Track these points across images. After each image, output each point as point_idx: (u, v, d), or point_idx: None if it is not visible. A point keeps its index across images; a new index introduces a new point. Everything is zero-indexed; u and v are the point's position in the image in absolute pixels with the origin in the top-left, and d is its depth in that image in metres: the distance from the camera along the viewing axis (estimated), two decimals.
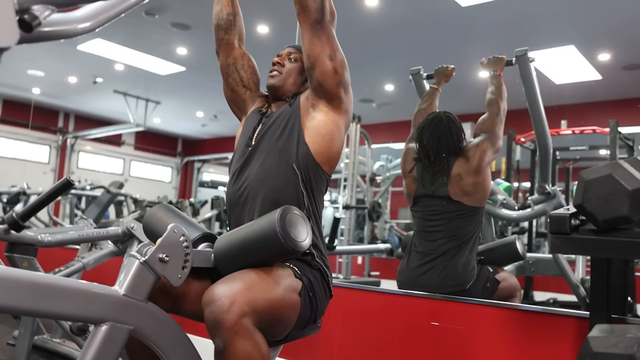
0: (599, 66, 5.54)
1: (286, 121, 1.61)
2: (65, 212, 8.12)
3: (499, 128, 2.45)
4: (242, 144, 1.68)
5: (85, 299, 1.08)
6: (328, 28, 1.56)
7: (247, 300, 1.21)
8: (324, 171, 1.59)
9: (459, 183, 2.33)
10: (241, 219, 1.56)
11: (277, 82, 1.69)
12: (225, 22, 1.81)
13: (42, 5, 0.84)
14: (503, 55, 2.68)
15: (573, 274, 2.67)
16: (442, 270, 2.28)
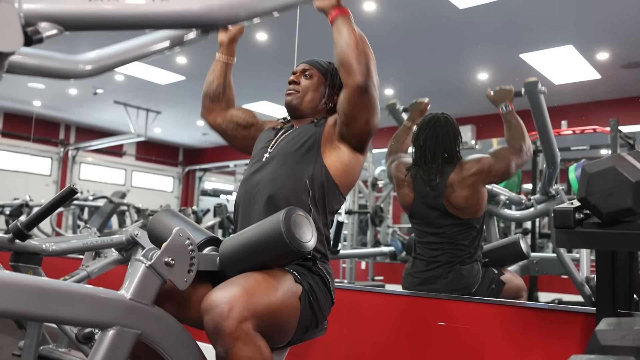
0: (597, 65, 5.55)
1: (307, 138, 1.63)
2: (67, 224, 8.14)
3: (512, 159, 2.29)
4: (257, 153, 1.71)
5: (92, 304, 1.08)
6: (371, 94, 1.54)
7: (246, 305, 1.20)
8: (340, 192, 1.61)
9: (451, 195, 2.29)
10: (248, 219, 1.56)
11: (295, 100, 1.71)
12: (213, 93, 1.86)
13: (49, 24, 0.84)
14: (510, 86, 2.51)
15: (578, 272, 2.66)
16: (446, 275, 2.27)
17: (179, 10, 0.93)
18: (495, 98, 2.48)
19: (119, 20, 0.90)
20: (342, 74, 1.53)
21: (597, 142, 5.31)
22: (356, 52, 1.48)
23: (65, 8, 0.85)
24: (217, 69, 1.87)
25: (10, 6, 0.77)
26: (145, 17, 0.92)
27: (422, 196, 2.37)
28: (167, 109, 8.58)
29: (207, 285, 1.45)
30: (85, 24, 0.88)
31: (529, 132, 2.39)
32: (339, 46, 1.51)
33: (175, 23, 0.95)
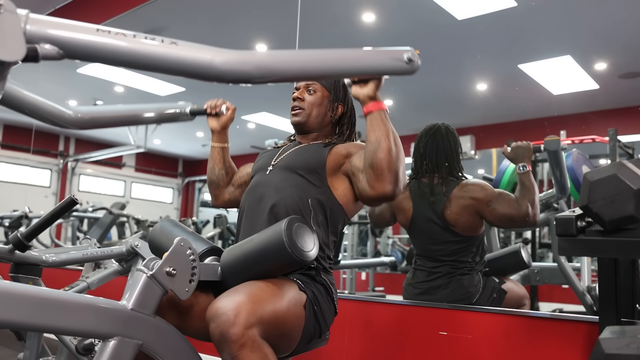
0: (596, 75, 5.57)
1: (313, 157, 1.63)
2: (67, 235, 8.11)
3: (510, 211, 2.19)
4: (262, 164, 1.72)
5: (93, 314, 1.08)
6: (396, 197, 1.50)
7: (252, 312, 1.20)
8: (345, 214, 1.61)
9: (448, 210, 2.27)
10: (252, 228, 1.56)
11: (302, 118, 1.73)
12: (217, 178, 1.88)
13: (51, 46, 0.83)
14: (528, 142, 2.36)
15: (579, 281, 2.65)
16: (447, 285, 2.26)
17: (185, 56, 0.92)
18: (513, 156, 2.35)
19: (121, 55, 0.88)
20: (369, 174, 1.46)
21: (596, 151, 5.32)
22: (388, 159, 1.42)
23: (71, 35, 0.84)
24: (215, 155, 1.89)
25: (13, 16, 0.78)
26: (148, 57, 0.90)
27: (421, 209, 2.35)
28: None
29: (208, 296, 1.45)
30: (87, 53, 0.86)
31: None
32: (372, 147, 1.44)
33: (179, 69, 0.93)
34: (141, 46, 0.88)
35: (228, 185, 1.90)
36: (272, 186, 1.60)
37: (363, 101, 1.46)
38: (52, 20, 0.83)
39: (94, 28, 0.86)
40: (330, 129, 1.78)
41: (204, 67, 0.92)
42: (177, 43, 0.89)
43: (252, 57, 0.96)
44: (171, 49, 0.89)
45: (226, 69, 0.93)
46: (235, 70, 0.94)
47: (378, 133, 1.44)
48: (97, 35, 0.86)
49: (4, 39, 0.75)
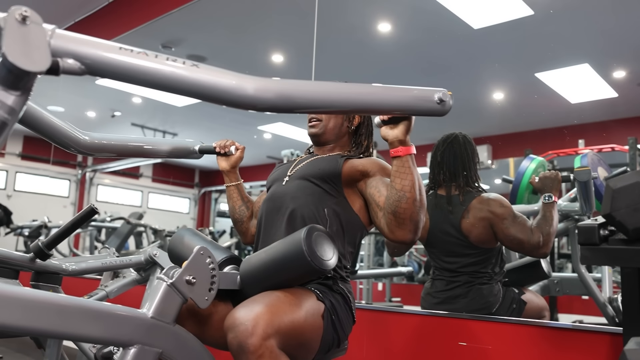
0: (614, 84, 5.52)
1: (329, 167, 1.63)
2: (85, 245, 8.19)
3: (522, 235, 2.16)
4: (278, 175, 1.74)
5: (114, 321, 1.08)
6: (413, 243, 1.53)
7: (270, 322, 1.20)
8: (363, 224, 1.61)
9: (465, 221, 2.25)
10: (270, 237, 1.57)
11: (319, 130, 1.74)
12: (239, 215, 1.90)
13: (74, 61, 0.84)
14: (557, 172, 2.34)
15: (600, 292, 2.61)
16: (466, 295, 2.24)
17: (205, 81, 0.91)
18: (541, 186, 2.32)
19: (143, 75, 0.88)
20: (390, 221, 1.44)
21: (616, 160, 5.26)
22: (412, 210, 1.40)
23: (94, 52, 0.85)
24: (232, 194, 1.92)
25: (39, 27, 0.79)
26: (168, 79, 0.90)
27: (438, 222, 2.33)
28: (183, 131, 8.66)
29: (227, 304, 1.45)
30: (109, 71, 0.87)
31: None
32: (397, 195, 1.41)
33: (200, 93, 0.93)
34: (162, 67, 0.88)
35: (251, 218, 1.91)
36: (289, 195, 1.61)
37: (392, 144, 1.42)
38: (76, 37, 0.84)
39: (117, 46, 0.87)
40: (347, 139, 1.78)
41: (226, 93, 0.92)
42: (199, 66, 0.90)
43: (276, 86, 0.95)
44: (192, 72, 0.90)
45: (248, 95, 0.93)
46: (258, 98, 0.94)
47: (405, 182, 1.41)
48: (119, 54, 0.87)
49: (30, 50, 0.76)
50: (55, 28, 0.82)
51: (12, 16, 0.75)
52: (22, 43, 0.75)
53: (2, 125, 0.77)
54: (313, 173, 1.63)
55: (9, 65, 0.73)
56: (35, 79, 0.80)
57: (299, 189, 1.61)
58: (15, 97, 0.77)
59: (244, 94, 0.93)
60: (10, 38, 0.73)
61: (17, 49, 0.73)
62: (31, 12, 0.77)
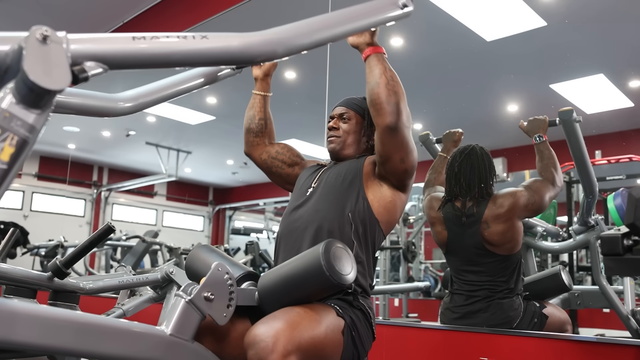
0: (630, 93, 5.47)
1: (347, 173, 1.64)
2: (100, 264, 8.22)
3: (546, 192, 2.27)
4: (300, 188, 1.73)
5: (133, 339, 1.08)
6: (402, 132, 1.54)
7: (290, 339, 1.19)
8: (381, 229, 1.61)
9: (486, 231, 2.25)
10: (291, 250, 1.56)
11: (338, 145, 1.75)
12: (256, 127, 1.89)
13: (94, 63, 0.86)
14: (544, 116, 2.47)
15: (622, 305, 2.56)
16: (486, 309, 2.21)
17: (219, 48, 0.96)
18: (529, 129, 2.46)
19: (162, 59, 0.93)
20: (372, 113, 1.54)
21: (634, 171, 5.20)
22: (386, 92, 1.49)
23: (110, 48, 0.88)
24: (256, 103, 1.89)
25: (58, 46, 0.80)
26: (186, 55, 0.94)
27: (456, 232, 2.32)
28: (197, 149, 8.71)
29: (245, 321, 1.44)
30: (129, 62, 0.90)
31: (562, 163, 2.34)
32: (370, 85, 1.53)
33: (215, 60, 0.97)
34: (175, 45, 0.92)
35: (267, 140, 1.90)
36: (312, 207, 1.61)
37: (362, 49, 1.56)
38: (90, 37, 0.87)
39: (129, 37, 0.89)
40: (366, 153, 1.78)
41: (234, 53, 0.95)
42: (207, 36, 0.94)
43: (274, 36, 1.01)
44: (203, 42, 0.93)
45: (254, 51, 0.97)
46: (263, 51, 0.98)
47: (376, 72, 1.53)
48: (134, 43, 0.89)
49: (51, 69, 0.77)
50: (67, 34, 0.83)
51: (33, 36, 0.75)
52: (43, 62, 0.75)
53: (23, 144, 0.77)
54: (335, 180, 1.64)
55: (30, 84, 0.74)
56: (54, 97, 0.80)
57: (321, 200, 1.61)
58: (36, 116, 0.77)
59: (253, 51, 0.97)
60: (31, 57, 0.74)
61: (38, 68, 0.74)
62: (51, 32, 0.77)
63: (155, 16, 4.78)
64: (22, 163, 0.81)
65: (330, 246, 1.29)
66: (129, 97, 1.28)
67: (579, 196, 4.89)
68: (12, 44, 0.77)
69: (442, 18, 4.01)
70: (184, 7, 4.44)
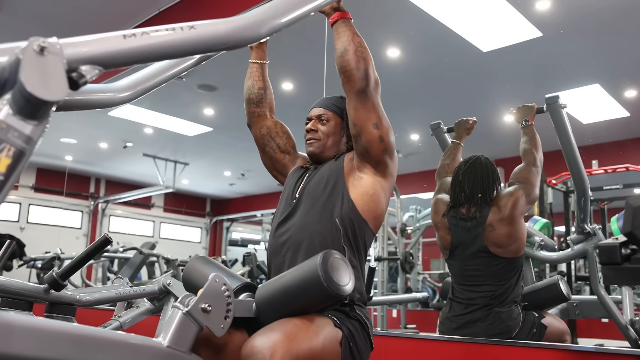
0: (625, 103, 5.50)
1: (329, 177, 1.62)
2: (97, 276, 8.19)
3: (534, 178, 2.38)
4: (285, 198, 1.70)
5: (130, 351, 1.07)
6: (373, 96, 1.57)
7: (288, 350, 1.18)
8: (369, 228, 1.59)
9: (490, 234, 2.27)
10: (282, 267, 1.55)
11: (317, 149, 1.72)
12: (256, 96, 1.87)
13: (90, 66, 0.87)
14: (533, 103, 2.58)
15: (621, 314, 2.56)
16: (485, 318, 2.21)
17: (206, 36, 0.98)
18: (518, 115, 2.58)
19: (153, 53, 0.94)
20: (342, 79, 1.56)
21: (630, 180, 5.21)
22: (355, 59, 1.52)
23: (103, 48, 0.89)
24: (254, 72, 1.88)
25: (55, 57, 0.80)
26: (177, 46, 0.96)
27: (460, 237, 2.36)
28: (194, 160, 8.71)
29: (242, 333, 1.43)
30: (122, 60, 0.91)
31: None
32: (339, 52, 1.55)
33: (205, 48, 0.99)
34: (165, 38, 0.94)
35: (265, 107, 1.87)
36: (298, 222, 1.58)
37: (328, 13, 1.58)
38: (82, 40, 0.88)
39: (120, 35, 0.90)
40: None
41: (222, 39, 0.98)
42: (194, 25, 0.96)
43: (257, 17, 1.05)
44: (191, 32, 0.96)
45: (240, 35, 1.00)
46: (248, 35, 1.02)
47: (344, 38, 1.55)
48: (125, 41, 0.90)
49: (48, 80, 0.77)
50: (59, 40, 0.83)
51: (30, 47, 0.75)
52: (40, 73, 0.75)
53: (20, 155, 0.77)
54: (320, 187, 1.61)
55: (27, 95, 0.74)
56: (51, 108, 0.80)
57: (308, 210, 1.58)
58: (33, 127, 0.77)
59: (244, 33, 1.01)
60: (28, 69, 0.74)
61: (36, 79, 0.74)
62: (49, 43, 0.77)
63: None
64: (19, 174, 0.81)
65: (327, 257, 1.28)
66: (127, 86, 1.28)
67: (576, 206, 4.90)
68: (10, 55, 0.77)
69: (438, 29, 4.03)
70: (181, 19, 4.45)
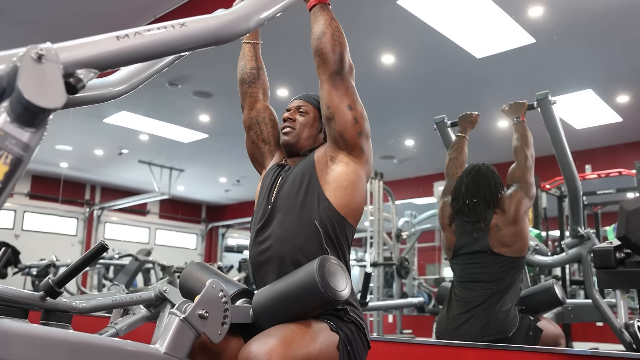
0: (618, 108, 5.53)
1: (302, 177, 1.59)
2: (92, 283, 8.16)
3: (529, 175, 2.43)
4: (261, 203, 1.68)
5: (127, 358, 1.07)
6: (347, 79, 1.59)
7: (285, 356, 1.19)
8: (349, 224, 1.57)
9: (497, 234, 2.33)
10: (265, 281, 1.53)
11: (292, 138, 1.69)
12: (249, 76, 1.85)
13: (85, 70, 0.88)
14: (524, 100, 2.66)
15: (615, 318, 2.57)
16: (483, 318, 2.24)
17: (198, 32, 1.00)
18: (509, 112, 2.64)
19: (147, 52, 0.96)
20: (317, 62, 1.59)
21: (624, 184, 5.24)
22: (331, 42, 1.55)
23: (97, 51, 0.90)
24: (246, 52, 1.87)
25: (53, 65, 0.80)
26: (169, 45, 0.98)
27: (465, 238, 2.42)
28: (190, 167, 8.71)
29: (239, 339, 1.43)
30: (117, 61, 0.93)
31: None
32: (316, 35, 1.58)
33: (197, 44, 1.01)
34: (158, 37, 0.96)
35: (259, 88, 1.85)
36: (276, 235, 1.55)
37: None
38: (76, 44, 0.88)
39: (113, 36, 0.91)
40: None
41: (212, 35, 1.00)
42: (185, 23, 0.97)
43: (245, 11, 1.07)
44: (182, 30, 0.97)
45: (230, 30, 1.02)
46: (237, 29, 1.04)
47: (321, 21, 1.58)
48: (119, 42, 0.91)
49: (46, 87, 0.77)
50: (51, 45, 0.83)
51: (28, 55, 0.76)
52: (38, 81, 0.76)
53: (18, 162, 0.77)
54: (294, 191, 1.58)
55: (24, 102, 0.74)
56: (49, 115, 0.81)
57: (285, 220, 1.55)
58: (30, 134, 0.78)
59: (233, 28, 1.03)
60: (26, 76, 0.75)
61: (33, 86, 0.75)
62: (46, 50, 0.78)
63: None
64: (17, 182, 0.81)
65: (324, 262, 1.29)
66: (121, 79, 1.28)
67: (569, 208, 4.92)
68: (8, 63, 0.77)
69: (432, 36, 4.05)
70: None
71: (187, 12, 4.19)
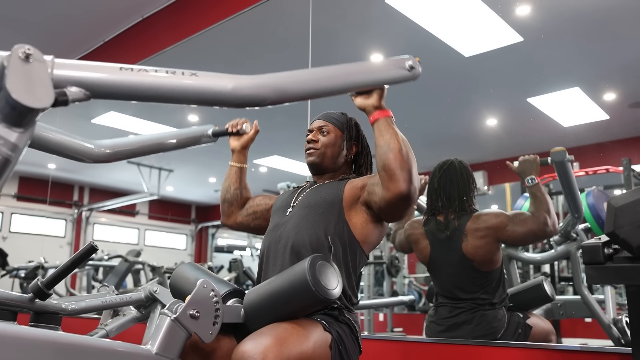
0: (605, 106, 5.57)
1: (330, 192, 1.64)
2: (82, 285, 8.10)
3: (530, 228, 2.20)
4: (282, 209, 1.72)
5: (118, 359, 1.07)
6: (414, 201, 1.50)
7: (279, 355, 1.19)
8: (362, 250, 1.60)
9: (464, 244, 2.27)
10: (274, 269, 1.56)
11: (317, 158, 1.74)
12: (232, 197, 1.91)
13: (77, 89, 0.86)
14: (535, 156, 2.36)
15: (604, 313, 2.59)
16: (471, 321, 2.22)
17: (207, 87, 0.95)
18: (520, 170, 2.34)
19: (147, 92, 0.91)
20: (383, 177, 1.47)
21: (611, 182, 5.28)
22: (400, 159, 1.44)
23: (95, 76, 0.87)
24: (232, 174, 1.92)
25: (41, 65, 0.80)
26: (173, 91, 0.93)
27: (439, 247, 2.35)
28: (179, 167, 8.67)
29: (231, 339, 1.43)
30: (113, 92, 0.89)
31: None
32: (382, 150, 1.46)
33: (203, 99, 0.95)
34: (163, 80, 0.91)
35: (241, 207, 1.91)
36: (292, 226, 1.60)
37: (369, 111, 1.50)
38: (76, 63, 0.86)
39: (117, 67, 0.89)
40: (346, 168, 1.79)
41: (224, 94, 0.95)
42: (197, 74, 0.93)
43: (268, 81, 1.00)
44: (192, 80, 0.92)
45: (245, 94, 0.96)
46: (253, 95, 0.97)
47: (387, 136, 1.47)
48: (120, 74, 0.89)
49: (34, 87, 0.77)
50: (54, 58, 0.82)
51: (15, 54, 0.75)
52: (26, 80, 0.75)
53: (6, 162, 0.77)
54: (315, 201, 1.63)
55: (12, 102, 0.73)
56: (37, 115, 0.80)
57: (301, 219, 1.61)
58: (18, 134, 0.77)
59: (244, 94, 0.96)
60: (14, 76, 0.74)
61: (21, 86, 0.74)
62: (34, 50, 0.77)
63: (135, 36, 4.78)
64: (4, 182, 0.81)
65: (315, 261, 1.29)
66: (108, 146, 1.29)
67: (557, 207, 4.96)
68: None
69: (420, 35, 4.07)
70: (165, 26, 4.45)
71: (176, 11, 4.18)
